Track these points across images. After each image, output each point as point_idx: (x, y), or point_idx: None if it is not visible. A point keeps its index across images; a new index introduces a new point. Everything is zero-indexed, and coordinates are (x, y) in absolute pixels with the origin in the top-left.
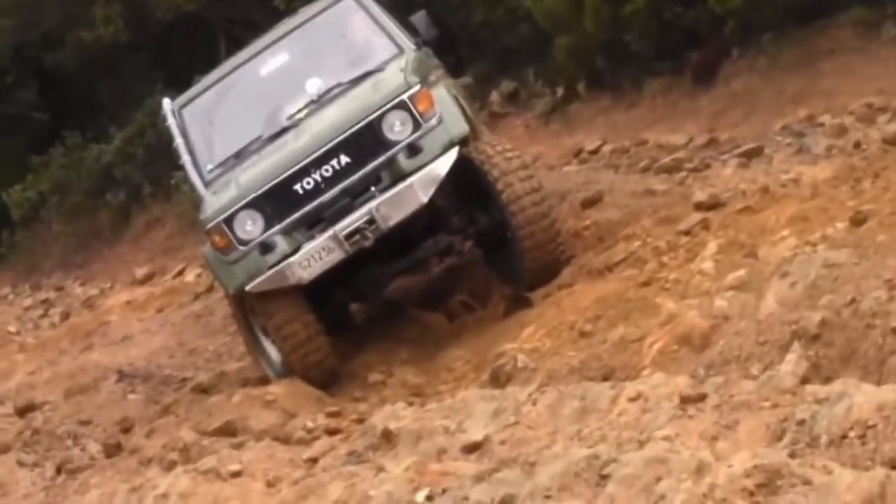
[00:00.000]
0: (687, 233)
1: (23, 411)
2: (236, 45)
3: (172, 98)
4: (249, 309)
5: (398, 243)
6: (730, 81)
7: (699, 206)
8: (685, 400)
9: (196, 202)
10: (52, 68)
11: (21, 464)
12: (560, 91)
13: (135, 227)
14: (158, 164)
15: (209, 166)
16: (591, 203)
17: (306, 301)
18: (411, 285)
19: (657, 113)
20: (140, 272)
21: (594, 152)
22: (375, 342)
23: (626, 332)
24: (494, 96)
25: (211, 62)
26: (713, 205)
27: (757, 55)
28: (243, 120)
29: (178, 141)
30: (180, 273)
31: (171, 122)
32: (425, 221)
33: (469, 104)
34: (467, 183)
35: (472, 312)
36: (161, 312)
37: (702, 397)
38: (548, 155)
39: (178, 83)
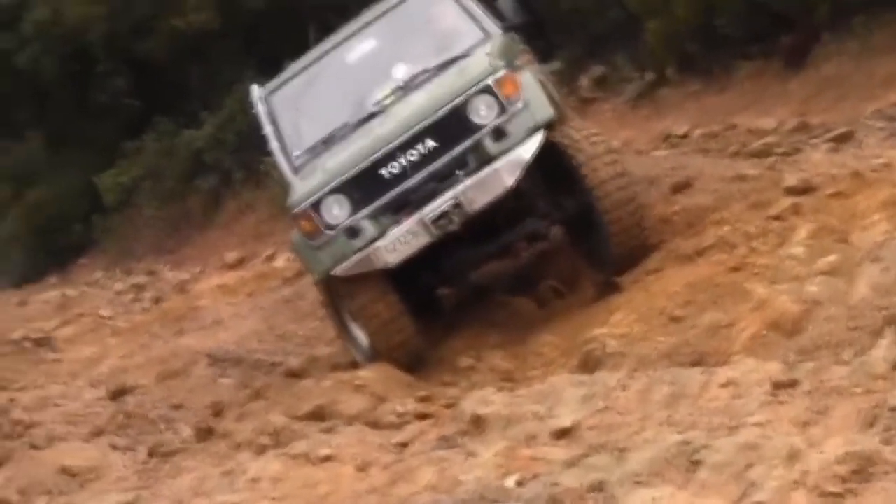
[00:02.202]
0: (777, 217)
1: (115, 395)
2: (326, 31)
3: (261, 85)
4: (337, 294)
5: (485, 228)
6: (820, 65)
7: (790, 191)
8: (776, 386)
9: (285, 188)
10: (143, 56)
11: (114, 447)
12: (649, 75)
13: (225, 212)
14: (248, 150)
15: (297, 152)
16: (680, 188)
17: (393, 284)
18: (499, 270)
19: (747, 97)
20: (230, 257)
21: (683, 137)
22: (464, 327)
23: (716, 318)
24: (583, 81)
25: (300, 49)
26: (804, 189)
27: (848, 38)
28: (331, 106)
29: (267, 127)
30: (270, 258)
31: (260, 108)
32: (512, 206)
33: (557, 89)
34: (554, 167)
35: (561, 297)
36: (251, 297)
37: (793, 383)
38: (637, 140)
39: (268, 70)
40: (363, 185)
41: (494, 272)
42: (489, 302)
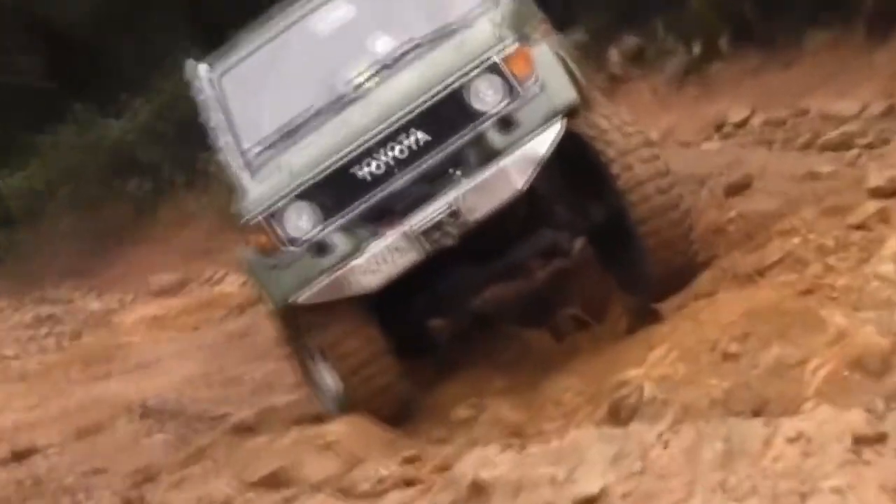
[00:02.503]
0: (860, 226)
1: (21, 456)
2: None
3: (207, 61)
4: (301, 327)
5: (489, 242)
6: None
7: (875, 193)
8: (859, 441)
9: (236, 192)
10: (58, 26)
11: None
12: (697, 48)
13: (162, 223)
14: (190, 145)
15: (252, 147)
16: (737, 189)
17: (373, 315)
18: (507, 295)
19: (821, 74)
20: (167, 280)
21: (741, 125)
22: (462, 367)
23: (784, 354)
24: (614, 55)
25: (255, 15)
26: (894, 191)
27: None
28: (295, 89)
29: (214, 116)
30: (217, 281)
31: (206, 92)
32: (523, 214)
33: (580, 66)
34: (577, 165)
35: (586, 329)
36: (193, 331)
37: (881, 437)
38: (681, 129)
39: (216, 42)
40: (335, 189)
41: (501, 297)
42: (494, 335)
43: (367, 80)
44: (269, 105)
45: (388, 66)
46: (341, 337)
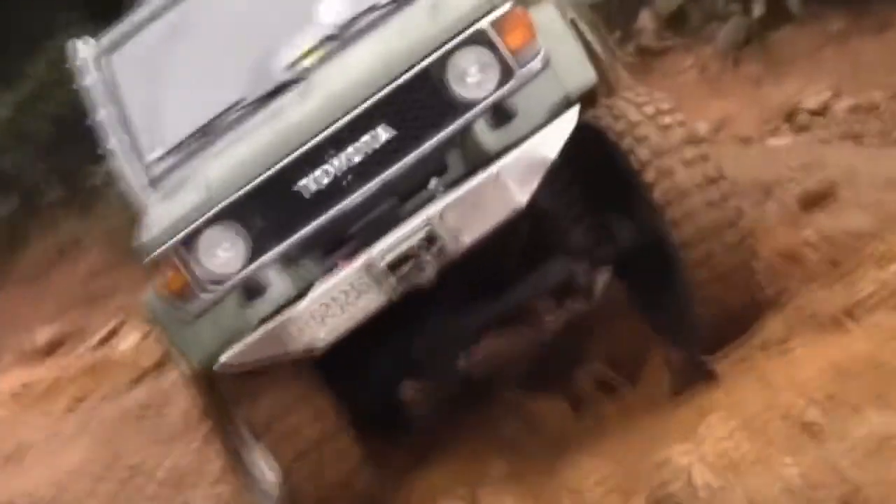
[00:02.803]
0: None
1: None
2: None
3: (90, 39)
4: (228, 396)
5: (480, 278)
6: None
7: None
8: None
9: (134, 214)
10: None
11: None
12: (759, 8)
13: (32, 256)
14: (72, 151)
15: (155, 152)
16: (815, 201)
17: (322, 378)
18: (507, 350)
19: None
20: (41, 336)
21: (819, 112)
22: (448, 449)
23: (882, 424)
24: (644, 20)
25: None
26: None
27: None
28: (213, 73)
29: (102, 111)
30: (110, 337)
31: (92, 78)
32: (525, 239)
33: (599, 34)
34: (597, 170)
35: (613, 393)
36: (79, 406)
37: None
38: (739, 119)
39: (101, 15)
40: (269, 208)
41: (498, 353)
42: (490, 404)
43: (309, 58)
44: (178, 94)
45: (336, 39)
46: (280, 410)
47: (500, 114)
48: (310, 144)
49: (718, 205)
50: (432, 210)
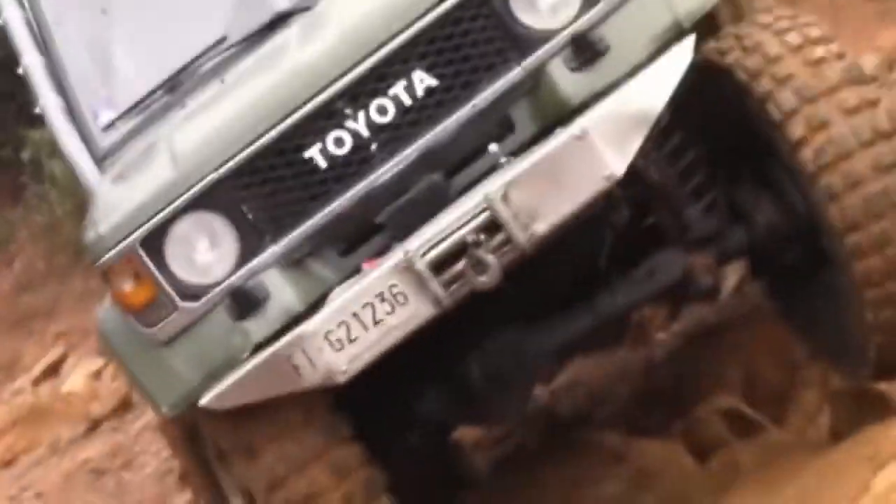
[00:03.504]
0: None
1: None
2: None
3: None
4: (212, 449)
5: (562, 278)
6: None
7: None
8: None
9: (81, 201)
10: None
11: None
12: None
13: None
14: None
15: (105, 116)
16: None
17: (345, 420)
18: (602, 376)
19: None
20: None
21: None
22: None
23: None
24: None
25: None
26: None
27: None
28: (182, 3)
29: (30, 60)
30: (52, 371)
31: (12, 13)
32: (623, 224)
33: None
34: (721, 125)
35: (752, 435)
36: (11, 467)
37: None
38: None
39: None
40: (267, 189)
41: (590, 383)
42: (581, 452)
43: None
44: (131, 34)
45: None
46: (288, 470)
47: (585, 50)
48: (320, 99)
49: (895, 169)
50: (493, 186)
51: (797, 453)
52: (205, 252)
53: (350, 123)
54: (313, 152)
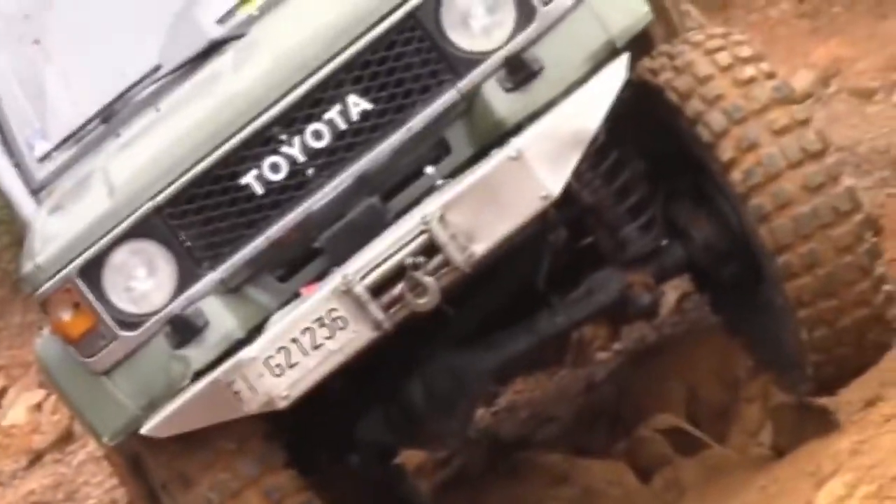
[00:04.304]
0: None
1: None
2: None
3: None
4: (154, 477)
5: (501, 299)
6: None
7: None
8: None
9: (17, 231)
10: None
11: None
12: None
13: None
14: None
15: (40, 147)
16: None
17: (279, 447)
18: (543, 397)
19: None
20: None
21: None
22: None
23: None
24: None
25: None
26: None
27: None
28: (116, 33)
29: None
30: None
31: None
32: (560, 244)
33: None
34: (657, 144)
35: (694, 453)
36: None
37: None
38: (855, 65)
39: None
40: (204, 217)
41: (533, 404)
42: (528, 473)
43: (248, 5)
44: (64, 65)
45: None
46: (221, 497)
47: (520, 71)
48: (255, 125)
49: (824, 188)
50: (430, 209)
51: (740, 470)
52: (143, 280)
53: (286, 149)
54: (249, 179)
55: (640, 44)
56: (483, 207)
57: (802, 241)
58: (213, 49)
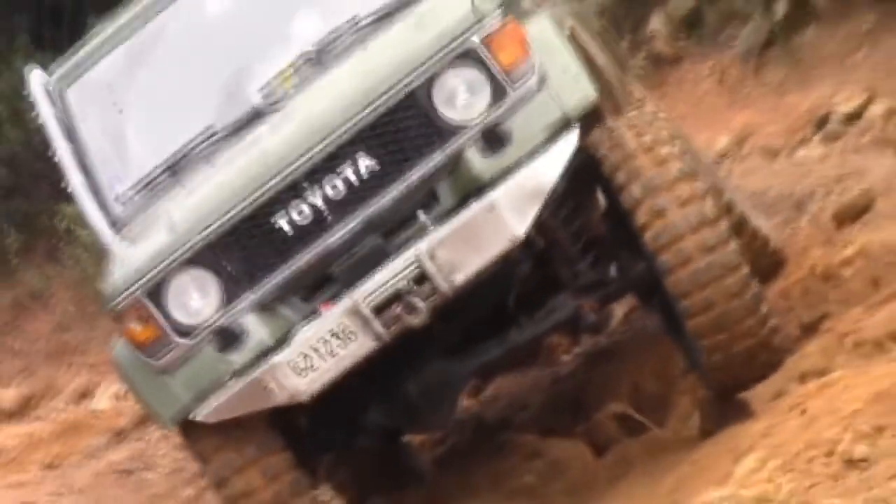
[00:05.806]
0: None
1: None
2: None
3: (47, 67)
4: (197, 454)
5: (479, 316)
6: None
7: None
8: None
9: (100, 258)
10: None
11: None
12: (781, 7)
13: None
14: (33, 192)
15: (119, 189)
16: (853, 215)
17: (278, 435)
18: (519, 389)
19: None
20: (8, 397)
21: (853, 118)
22: (462, 499)
23: None
24: (656, 24)
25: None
26: None
27: None
28: (179, 101)
29: (60, 144)
30: (84, 395)
31: (46, 110)
32: (526, 273)
33: (607, 44)
34: (606, 195)
35: (639, 434)
36: (52, 470)
37: None
38: (764, 129)
39: (58, 40)
40: (243, 250)
41: (511, 392)
42: (503, 450)
43: (284, 83)
44: (141, 126)
45: (314, 61)
46: (229, 472)
47: (493, 138)
48: (286, 179)
49: (716, 249)
50: (421, 246)
51: (675, 448)
52: (196, 299)
53: (309, 197)
54: (281, 220)
55: (591, 116)
56: (464, 246)
57: (699, 289)
58: (256, 116)
